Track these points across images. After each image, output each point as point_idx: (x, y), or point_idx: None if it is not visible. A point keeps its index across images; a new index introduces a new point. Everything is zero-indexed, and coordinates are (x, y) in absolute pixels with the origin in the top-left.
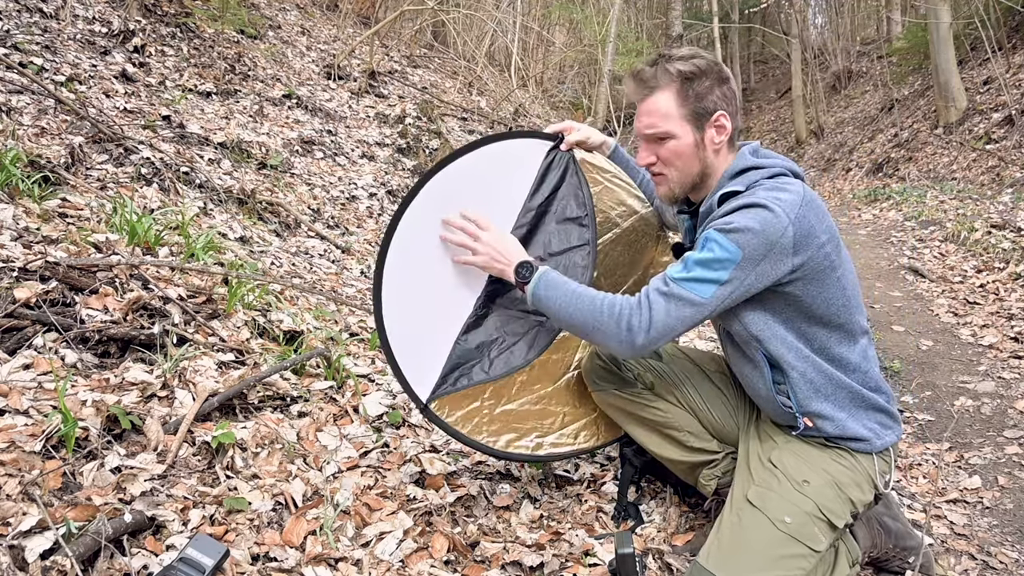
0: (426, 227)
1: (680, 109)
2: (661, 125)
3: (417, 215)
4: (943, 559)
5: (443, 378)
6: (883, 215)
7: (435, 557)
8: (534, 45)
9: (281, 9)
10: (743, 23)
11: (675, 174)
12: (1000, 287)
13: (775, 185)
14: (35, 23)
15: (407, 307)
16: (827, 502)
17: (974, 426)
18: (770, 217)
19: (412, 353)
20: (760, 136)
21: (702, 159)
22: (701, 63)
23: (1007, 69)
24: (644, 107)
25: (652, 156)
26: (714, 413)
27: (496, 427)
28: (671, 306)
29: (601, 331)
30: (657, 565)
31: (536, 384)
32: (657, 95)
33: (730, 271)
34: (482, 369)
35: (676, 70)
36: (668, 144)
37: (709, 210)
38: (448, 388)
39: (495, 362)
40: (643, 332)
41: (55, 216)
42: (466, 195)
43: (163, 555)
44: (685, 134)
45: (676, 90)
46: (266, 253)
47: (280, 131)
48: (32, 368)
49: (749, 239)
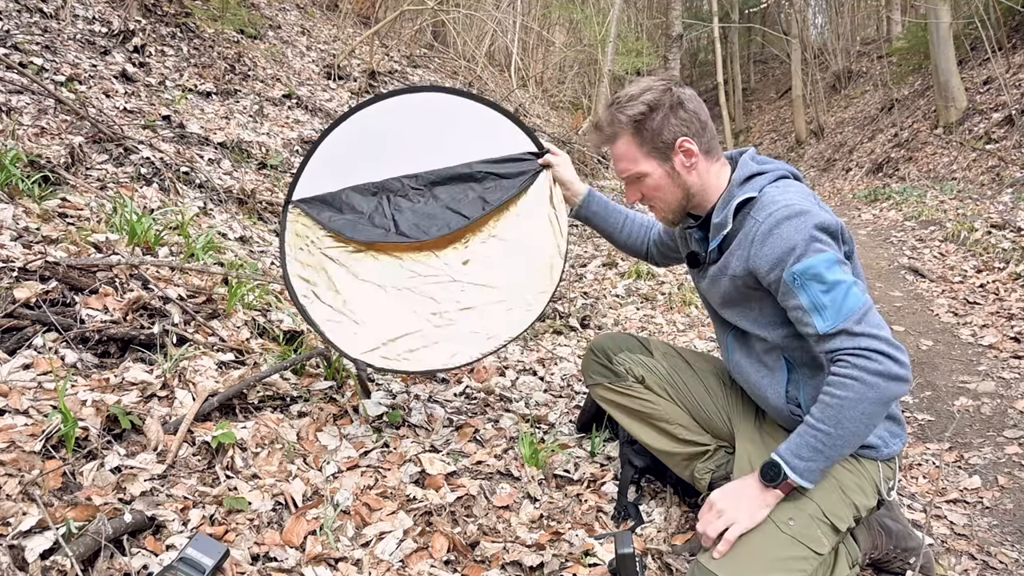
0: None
1: (640, 149)
2: (632, 167)
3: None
4: (943, 559)
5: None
6: (883, 215)
7: (435, 557)
8: (534, 45)
9: (281, 9)
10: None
11: (661, 204)
12: (1000, 287)
13: (785, 187)
14: (35, 23)
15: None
16: (831, 505)
17: (974, 426)
18: (798, 212)
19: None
20: (760, 136)
21: (681, 184)
22: (650, 99)
23: (1007, 69)
24: (613, 154)
25: (637, 194)
26: (705, 409)
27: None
28: (865, 330)
29: (880, 403)
30: (657, 565)
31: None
32: (618, 143)
33: (839, 269)
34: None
35: (626, 116)
36: (645, 182)
37: (724, 221)
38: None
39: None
40: (889, 360)
41: (55, 216)
42: (435, 121)
43: (163, 555)
44: (654, 169)
45: (631, 133)
46: (266, 253)
47: (280, 131)
48: (32, 368)
49: (812, 235)
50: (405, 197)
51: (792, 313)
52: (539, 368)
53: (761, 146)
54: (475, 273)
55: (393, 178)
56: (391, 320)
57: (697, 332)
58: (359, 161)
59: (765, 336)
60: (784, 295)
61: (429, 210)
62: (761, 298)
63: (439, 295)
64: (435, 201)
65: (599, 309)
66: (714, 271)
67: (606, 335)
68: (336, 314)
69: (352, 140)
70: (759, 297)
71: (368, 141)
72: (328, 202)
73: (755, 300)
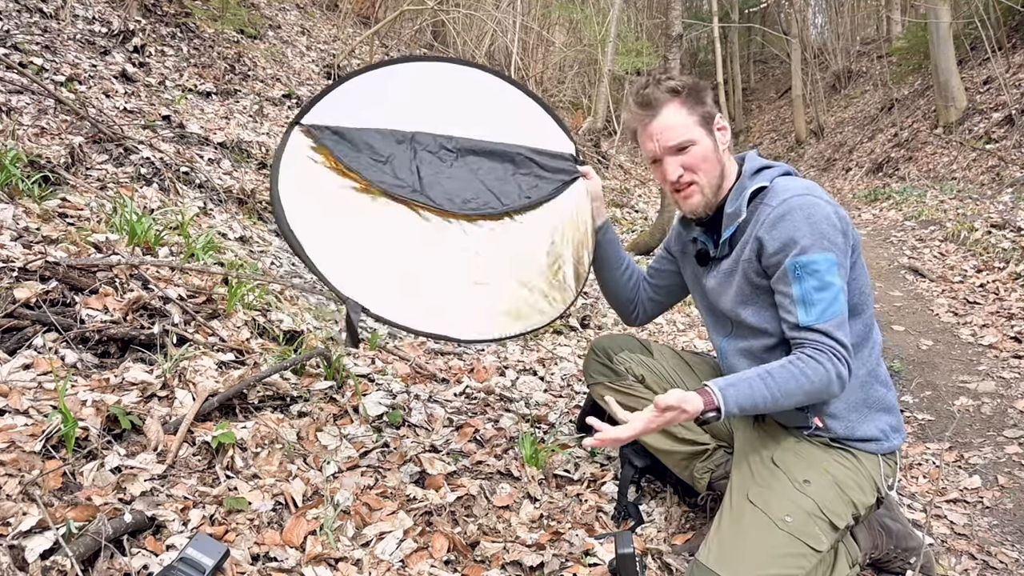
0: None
1: (690, 116)
2: (681, 134)
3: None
4: (943, 559)
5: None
6: (883, 215)
7: (435, 557)
8: (534, 45)
9: (281, 9)
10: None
11: (704, 178)
12: (1000, 287)
13: (794, 179)
14: (35, 23)
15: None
16: (828, 502)
17: (974, 426)
18: (812, 202)
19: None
20: (760, 136)
21: (720, 161)
22: (688, 79)
23: (1007, 69)
24: (656, 125)
25: (679, 168)
26: None
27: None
28: (838, 336)
29: (819, 395)
30: (657, 565)
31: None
32: (665, 112)
33: (836, 272)
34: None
35: (675, 83)
36: (691, 151)
37: (738, 210)
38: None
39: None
40: (846, 369)
41: (55, 216)
42: (478, 95)
43: (163, 555)
44: (702, 138)
45: (681, 101)
46: (266, 253)
47: (280, 131)
48: (32, 368)
49: (823, 230)
50: (435, 155)
51: (778, 297)
52: (539, 368)
53: (761, 146)
54: (496, 254)
55: (426, 132)
56: (398, 272)
57: (697, 332)
58: (390, 106)
59: (777, 330)
60: (778, 279)
61: (462, 180)
62: (768, 290)
63: (455, 262)
64: (467, 171)
65: (599, 309)
66: (726, 266)
67: (607, 335)
68: (330, 249)
69: (388, 84)
70: (766, 289)
71: (405, 90)
72: (343, 135)
73: (768, 294)
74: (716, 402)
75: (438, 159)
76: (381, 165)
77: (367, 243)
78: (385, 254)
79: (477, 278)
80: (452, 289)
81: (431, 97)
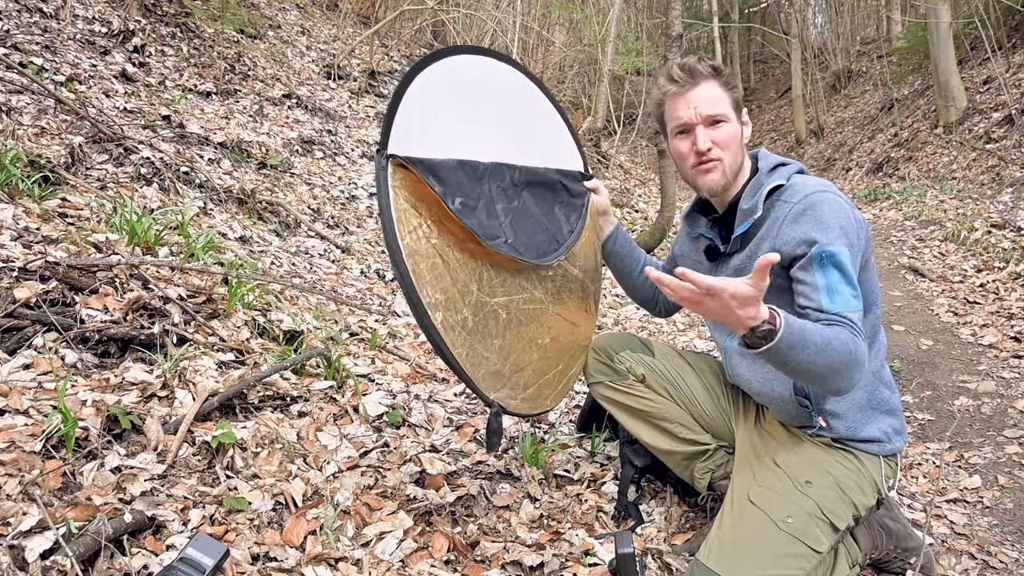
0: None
1: (726, 97)
2: (719, 109)
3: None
4: (943, 559)
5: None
6: (883, 215)
7: (435, 557)
8: (534, 45)
9: (281, 9)
10: (743, 23)
11: (728, 158)
12: (1000, 287)
13: (811, 177)
14: (35, 23)
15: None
16: (829, 503)
17: (974, 426)
18: (833, 200)
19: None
20: (760, 136)
21: (742, 148)
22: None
23: (1007, 69)
24: (696, 94)
25: (709, 141)
26: (705, 409)
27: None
28: (859, 325)
29: (851, 367)
30: (657, 565)
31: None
32: (706, 85)
33: (853, 268)
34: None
35: (715, 65)
36: (724, 127)
37: (754, 207)
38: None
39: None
40: (864, 359)
41: (55, 216)
42: (521, 105)
43: (163, 555)
44: (733, 120)
45: (721, 81)
46: (266, 253)
47: (280, 131)
48: (32, 368)
49: (846, 226)
50: (505, 192)
51: (800, 285)
52: None
53: (761, 146)
54: (555, 306)
55: (500, 163)
56: (513, 348)
57: (697, 332)
58: (459, 121)
59: None
60: (802, 267)
61: (528, 218)
62: (788, 289)
63: (540, 324)
64: (525, 206)
65: (599, 309)
66: (737, 262)
67: (608, 335)
68: (467, 344)
69: (450, 89)
70: (787, 288)
71: (467, 96)
72: (435, 171)
73: (780, 294)
74: (778, 321)
75: (506, 196)
76: (472, 211)
77: (489, 327)
78: (504, 339)
79: (545, 340)
80: (540, 364)
81: (487, 109)
